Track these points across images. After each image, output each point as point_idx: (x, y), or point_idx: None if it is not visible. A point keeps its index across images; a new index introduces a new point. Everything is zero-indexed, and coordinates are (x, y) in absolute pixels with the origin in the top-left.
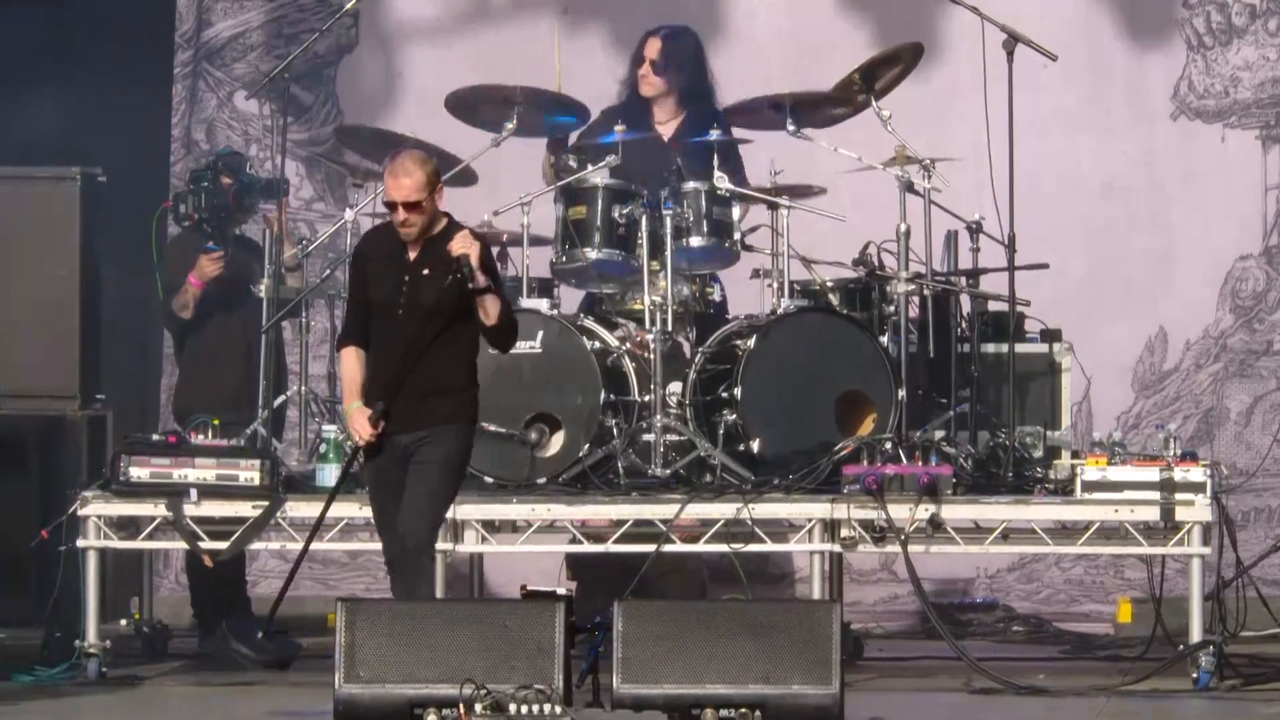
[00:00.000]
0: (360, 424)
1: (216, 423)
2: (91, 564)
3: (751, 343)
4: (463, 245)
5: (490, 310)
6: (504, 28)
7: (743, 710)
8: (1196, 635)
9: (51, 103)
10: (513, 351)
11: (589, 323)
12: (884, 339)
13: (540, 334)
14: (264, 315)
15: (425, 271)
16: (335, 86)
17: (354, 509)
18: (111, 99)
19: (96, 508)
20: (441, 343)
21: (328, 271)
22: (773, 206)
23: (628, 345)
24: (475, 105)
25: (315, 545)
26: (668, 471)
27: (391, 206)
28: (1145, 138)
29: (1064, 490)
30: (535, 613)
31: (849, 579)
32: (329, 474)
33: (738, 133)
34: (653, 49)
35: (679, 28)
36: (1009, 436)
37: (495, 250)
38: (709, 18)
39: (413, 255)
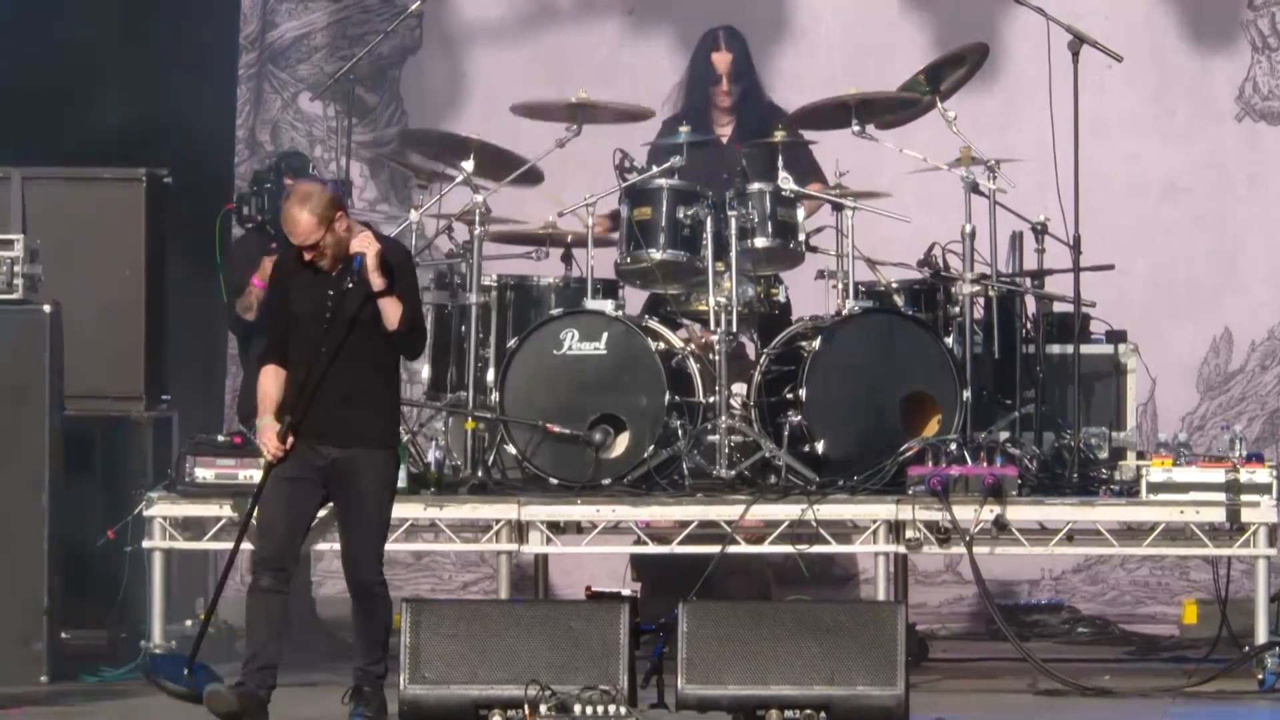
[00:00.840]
0: (269, 438)
1: None
2: (157, 565)
3: (816, 344)
4: (360, 244)
5: (389, 313)
6: (568, 29)
7: (808, 711)
8: (1262, 637)
9: (118, 104)
10: (578, 353)
11: (654, 324)
12: (949, 340)
13: (605, 335)
14: None
15: (349, 285)
16: (400, 88)
17: (418, 509)
18: (177, 100)
19: (162, 508)
20: (359, 350)
21: None
22: (837, 207)
23: (692, 346)
24: (542, 111)
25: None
26: (732, 472)
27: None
28: (1210, 139)
29: (1129, 491)
30: (600, 614)
31: (914, 580)
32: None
33: (803, 134)
34: (723, 62)
35: (729, 33)
36: (1074, 437)
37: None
38: (773, 19)
39: (333, 270)
